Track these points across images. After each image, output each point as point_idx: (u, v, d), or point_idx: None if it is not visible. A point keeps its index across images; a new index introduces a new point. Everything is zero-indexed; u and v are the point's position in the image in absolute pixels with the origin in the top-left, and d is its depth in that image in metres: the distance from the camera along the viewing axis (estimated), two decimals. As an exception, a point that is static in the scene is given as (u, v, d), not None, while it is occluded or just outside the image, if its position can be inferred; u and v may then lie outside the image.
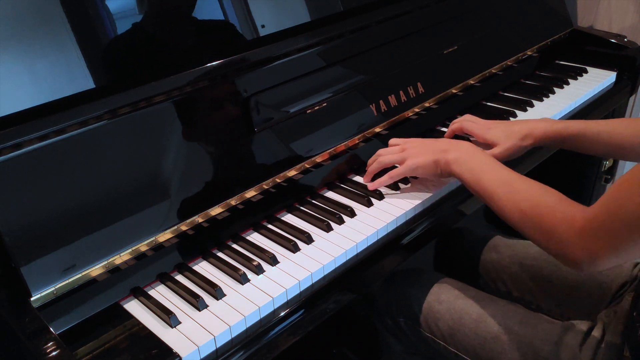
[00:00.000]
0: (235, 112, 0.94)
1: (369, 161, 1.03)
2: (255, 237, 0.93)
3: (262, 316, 0.78)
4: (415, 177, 1.04)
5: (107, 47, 0.86)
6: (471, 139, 1.09)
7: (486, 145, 1.04)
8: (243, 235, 0.93)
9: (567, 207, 0.75)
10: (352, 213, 0.96)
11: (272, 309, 0.80)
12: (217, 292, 0.80)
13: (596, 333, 0.89)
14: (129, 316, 0.78)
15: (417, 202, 0.98)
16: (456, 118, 1.27)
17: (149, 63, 0.90)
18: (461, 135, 1.13)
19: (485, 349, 0.93)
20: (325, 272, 0.86)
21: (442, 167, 0.94)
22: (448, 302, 0.99)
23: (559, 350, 0.88)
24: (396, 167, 1.00)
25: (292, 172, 1.00)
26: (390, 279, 1.09)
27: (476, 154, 0.92)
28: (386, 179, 0.99)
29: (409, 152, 0.98)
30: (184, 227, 0.86)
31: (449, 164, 0.92)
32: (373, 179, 1.02)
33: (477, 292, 1.01)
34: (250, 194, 0.94)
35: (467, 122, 1.09)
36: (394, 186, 1.02)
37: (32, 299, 0.73)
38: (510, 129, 1.03)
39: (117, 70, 0.87)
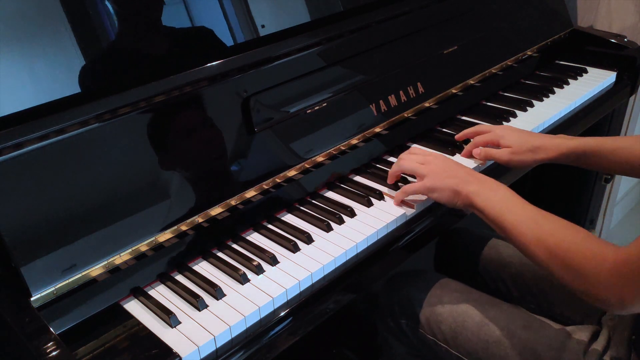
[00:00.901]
0: (236, 112, 0.94)
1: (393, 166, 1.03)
2: (255, 237, 0.93)
3: (262, 316, 0.78)
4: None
5: (107, 47, 0.86)
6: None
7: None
8: (243, 235, 0.93)
9: (596, 245, 0.73)
10: (352, 213, 0.96)
11: (272, 309, 0.80)
12: (217, 292, 0.80)
13: (601, 339, 0.89)
14: (129, 316, 0.78)
15: (418, 202, 0.98)
16: (456, 118, 1.28)
17: (149, 63, 0.90)
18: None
19: (488, 352, 0.92)
20: (325, 272, 0.86)
21: (462, 198, 0.90)
22: (450, 304, 0.98)
23: (562, 355, 0.87)
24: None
25: (292, 172, 1.00)
26: (393, 280, 1.09)
27: (500, 188, 0.88)
28: (401, 194, 0.97)
29: (429, 169, 0.94)
30: (184, 227, 0.86)
31: (471, 196, 0.88)
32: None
33: (480, 294, 1.00)
34: (250, 194, 0.94)
35: (478, 137, 1.08)
36: (394, 186, 1.02)
37: (32, 299, 0.73)
38: (524, 138, 1.02)
39: (117, 70, 0.87)
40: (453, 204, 0.92)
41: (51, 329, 0.71)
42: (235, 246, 0.91)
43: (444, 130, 1.23)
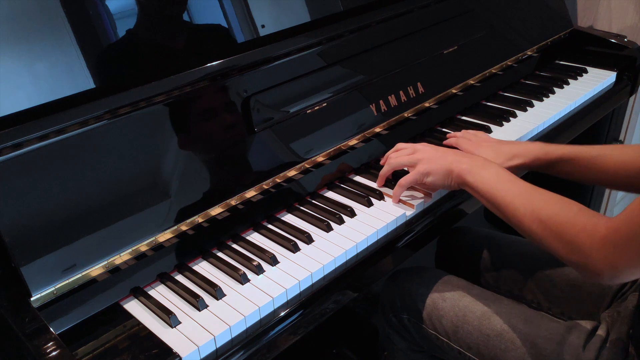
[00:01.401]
0: (236, 112, 0.94)
1: (382, 162, 1.03)
2: (255, 237, 0.93)
3: (262, 316, 0.78)
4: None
5: (107, 47, 0.86)
6: None
7: None
8: (243, 235, 0.93)
9: (589, 217, 0.74)
10: (352, 213, 0.96)
11: (272, 309, 0.80)
12: (217, 292, 0.80)
13: (600, 333, 0.89)
14: (129, 316, 0.78)
15: (417, 202, 0.98)
16: (456, 118, 1.28)
17: (149, 63, 0.90)
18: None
19: (489, 346, 0.93)
20: (325, 272, 0.86)
21: (454, 177, 0.91)
22: (452, 299, 0.99)
23: (562, 349, 0.88)
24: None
25: (292, 172, 1.00)
26: (395, 276, 1.09)
27: (491, 165, 0.90)
28: (397, 190, 0.98)
29: (420, 156, 0.96)
30: (184, 227, 0.86)
31: (463, 174, 0.90)
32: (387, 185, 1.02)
33: (482, 290, 1.01)
34: (250, 194, 0.94)
35: (462, 139, 1.08)
36: (394, 186, 1.02)
37: (32, 299, 0.73)
38: (499, 149, 1.01)
39: (117, 70, 0.87)
40: (448, 185, 0.94)
41: (51, 329, 0.71)
42: (235, 246, 0.91)
43: (444, 130, 1.23)
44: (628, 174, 0.92)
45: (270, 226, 0.95)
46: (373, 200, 1.00)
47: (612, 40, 1.51)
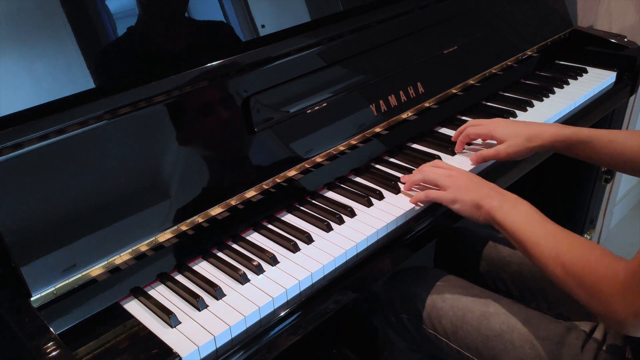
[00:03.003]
0: (236, 112, 0.94)
1: (414, 172, 1.03)
2: (255, 237, 0.93)
3: (262, 316, 0.78)
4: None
5: (107, 47, 0.86)
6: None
7: (490, 145, 1.04)
8: (243, 235, 0.93)
9: (610, 262, 0.72)
10: (352, 213, 0.96)
11: (272, 309, 0.80)
12: (217, 292, 0.80)
13: (598, 334, 0.90)
14: (129, 316, 0.78)
15: (423, 202, 0.98)
16: (456, 118, 1.28)
17: (149, 63, 0.90)
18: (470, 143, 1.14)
19: (488, 346, 0.93)
20: (325, 272, 0.86)
21: (483, 212, 0.90)
22: (452, 299, 0.99)
23: (560, 350, 0.88)
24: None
25: (292, 172, 1.00)
26: (394, 276, 1.09)
27: (522, 204, 0.88)
28: (422, 196, 0.97)
29: (453, 181, 0.94)
30: (184, 227, 0.86)
31: (493, 211, 0.88)
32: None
33: (481, 290, 1.01)
34: (250, 194, 0.94)
35: (471, 127, 1.09)
36: (394, 188, 1.02)
37: (32, 299, 0.73)
38: (518, 129, 1.03)
39: (117, 70, 0.87)
40: (475, 218, 0.92)
41: (51, 329, 0.71)
42: (235, 246, 0.91)
43: (443, 130, 1.23)
44: None
45: (270, 226, 0.95)
46: (373, 200, 1.00)
47: (612, 40, 1.51)
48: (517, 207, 0.87)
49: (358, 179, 1.07)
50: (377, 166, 1.11)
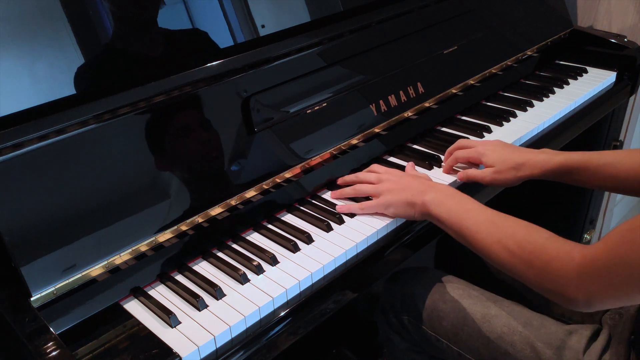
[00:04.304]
0: (236, 112, 0.94)
1: (347, 178, 1.02)
2: (255, 237, 0.93)
3: (262, 316, 0.78)
4: None
5: (107, 48, 0.86)
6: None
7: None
8: (243, 235, 0.93)
9: (561, 244, 0.74)
10: (352, 213, 0.96)
11: (272, 309, 0.80)
12: (217, 292, 0.80)
13: (601, 338, 0.89)
14: (129, 316, 0.78)
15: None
16: (456, 118, 1.28)
17: (149, 63, 0.90)
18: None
19: (489, 349, 0.93)
20: (325, 272, 0.86)
21: (418, 208, 0.89)
22: (453, 301, 0.99)
23: (562, 353, 0.87)
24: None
25: (292, 172, 0.99)
26: (395, 276, 1.09)
27: (455, 194, 0.88)
28: (357, 208, 0.96)
29: (384, 187, 0.94)
30: (184, 227, 0.86)
31: (426, 205, 0.88)
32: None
33: (482, 291, 1.01)
34: (250, 194, 0.94)
35: (460, 151, 1.05)
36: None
37: (32, 299, 0.73)
38: (507, 155, 1.00)
39: (117, 70, 0.87)
40: (411, 216, 0.92)
41: (51, 329, 0.71)
42: (235, 246, 0.91)
43: (443, 130, 1.23)
44: (639, 180, 0.91)
45: (270, 226, 0.95)
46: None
47: (612, 40, 1.51)
48: (451, 197, 0.87)
49: (358, 179, 1.07)
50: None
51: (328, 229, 0.93)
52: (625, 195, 1.02)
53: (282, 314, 0.79)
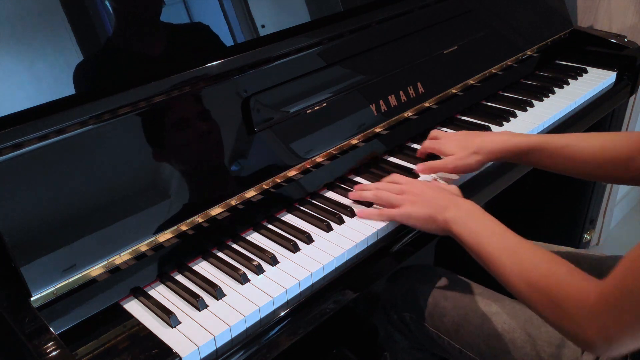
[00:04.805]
0: (236, 112, 0.94)
1: (368, 186, 0.99)
2: (255, 237, 0.93)
3: (262, 316, 0.78)
4: None
5: (107, 47, 0.86)
6: None
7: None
8: (243, 235, 0.93)
9: (580, 280, 0.69)
10: (352, 213, 0.96)
11: (272, 309, 0.80)
12: (217, 292, 0.80)
13: None
14: (129, 316, 0.78)
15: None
16: (456, 118, 1.28)
17: (149, 63, 0.90)
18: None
19: (489, 346, 0.93)
20: (325, 272, 0.86)
21: (439, 225, 0.87)
22: (454, 298, 0.99)
23: (561, 352, 0.88)
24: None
25: (292, 172, 1.00)
26: (397, 274, 1.09)
27: (477, 213, 0.85)
28: (376, 215, 0.94)
29: (406, 198, 0.92)
30: (184, 227, 0.86)
31: (448, 223, 0.86)
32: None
33: (484, 289, 1.01)
34: (250, 194, 0.94)
35: (427, 141, 1.06)
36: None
37: (32, 299, 0.73)
38: (467, 142, 0.99)
39: (117, 70, 0.87)
40: (432, 231, 0.90)
41: (51, 329, 0.71)
42: (235, 246, 0.91)
43: (444, 129, 1.23)
44: (598, 164, 0.90)
45: (270, 226, 0.95)
46: (373, 200, 0.99)
47: (612, 40, 1.51)
48: (475, 217, 0.84)
49: (358, 179, 1.07)
50: (378, 166, 1.11)
51: (328, 229, 0.93)
52: (583, 179, 1.01)
53: (282, 314, 0.79)
